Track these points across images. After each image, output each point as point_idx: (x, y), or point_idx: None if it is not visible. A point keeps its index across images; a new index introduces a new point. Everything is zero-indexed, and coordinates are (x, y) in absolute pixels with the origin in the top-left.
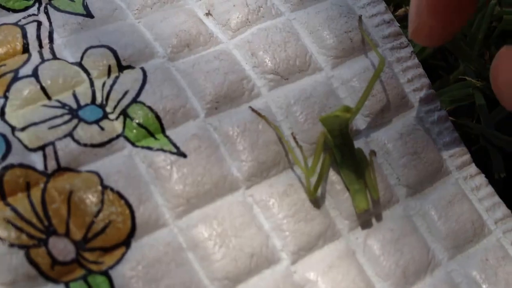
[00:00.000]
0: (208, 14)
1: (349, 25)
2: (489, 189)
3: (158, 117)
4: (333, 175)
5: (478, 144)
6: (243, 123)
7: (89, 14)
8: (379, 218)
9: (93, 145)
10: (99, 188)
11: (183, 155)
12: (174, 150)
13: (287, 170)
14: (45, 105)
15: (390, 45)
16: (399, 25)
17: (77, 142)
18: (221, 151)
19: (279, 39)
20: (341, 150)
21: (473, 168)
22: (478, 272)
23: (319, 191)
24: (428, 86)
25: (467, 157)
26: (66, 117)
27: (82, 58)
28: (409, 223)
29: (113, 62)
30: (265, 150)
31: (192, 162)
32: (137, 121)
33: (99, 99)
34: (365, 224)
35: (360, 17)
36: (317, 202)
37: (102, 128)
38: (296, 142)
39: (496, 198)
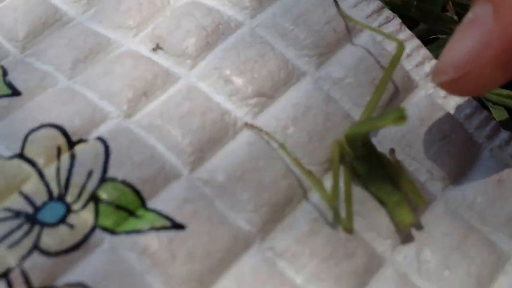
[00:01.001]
0: (156, 48)
1: (328, 14)
2: None
3: (136, 191)
4: (358, 193)
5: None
6: (239, 165)
7: (15, 92)
8: (421, 225)
9: (67, 251)
10: None
11: (181, 227)
12: (168, 224)
13: (303, 202)
14: None
15: (377, 22)
16: None
17: (46, 253)
18: (220, 207)
19: (254, 54)
20: (367, 161)
21: (504, 133)
22: None
23: (356, 217)
24: (429, 57)
25: (493, 123)
26: (25, 227)
27: (23, 147)
28: (460, 220)
29: (62, 140)
30: (275, 188)
31: (194, 232)
32: (112, 202)
33: (55, 191)
34: (409, 238)
35: (335, 1)
36: (350, 231)
37: (71, 226)
38: (304, 170)
39: None
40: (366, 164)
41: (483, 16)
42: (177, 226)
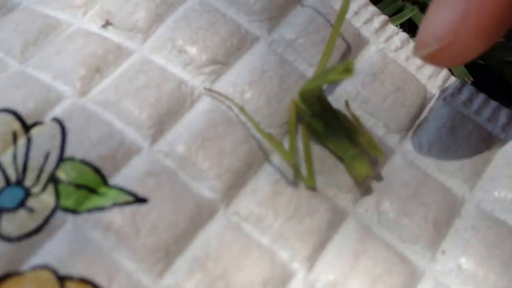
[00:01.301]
0: (106, 24)
1: None
2: (482, 96)
3: (96, 169)
4: (318, 151)
5: None
6: (199, 134)
7: None
8: (380, 178)
9: (28, 235)
10: (56, 282)
11: (144, 200)
12: (131, 198)
13: (264, 166)
14: None
15: None
16: None
17: (8, 239)
18: (183, 178)
19: (205, 22)
20: (323, 118)
21: (456, 81)
22: (510, 190)
23: (317, 176)
24: (377, 13)
25: (444, 72)
26: None
27: None
28: (417, 169)
29: (17, 125)
30: (236, 154)
31: (157, 204)
32: (72, 182)
33: (12, 176)
34: (369, 191)
35: None
36: (313, 188)
37: (31, 210)
38: (263, 132)
39: (493, 103)
40: (323, 121)
41: None
42: (140, 200)
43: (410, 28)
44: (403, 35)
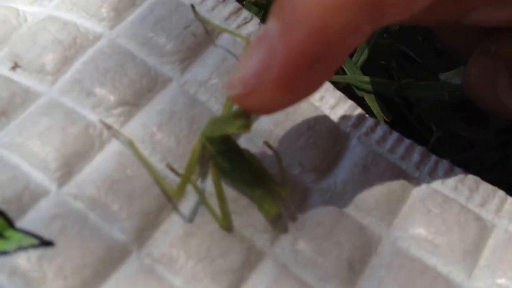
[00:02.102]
0: (15, 67)
1: (185, 19)
2: (395, 135)
3: (1, 212)
4: (232, 191)
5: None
6: (107, 176)
7: None
8: (296, 217)
9: None
10: None
11: (50, 244)
12: (37, 241)
13: (178, 207)
14: None
15: (235, 24)
16: (235, 1)
17: None
18: (93, 220)
19: (113, 64)
20: (228, 157)
21: (370, 120)
22: (425, 227)
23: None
24: None
25: (358, 111)
26: None
27: None
28: (332, 208)
29: None
30: (147, 196)
31: (63, 247)
32: None
33: None
34: (285, 230)
35: (192, 6)
36: (228, 228)
37: None
38: (177, 173)
39: (406, 142)
40: (228, 160)
41: (271, 33)
42: (45, 243)
43: None
44: None
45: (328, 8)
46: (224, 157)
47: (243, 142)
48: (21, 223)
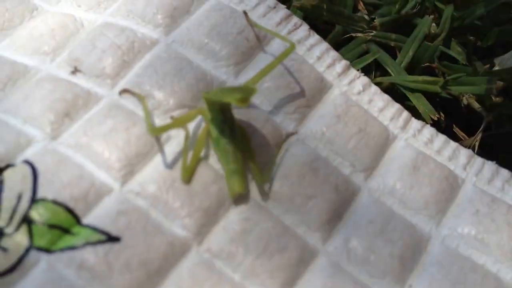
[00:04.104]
0: (75, 71)
1: (239, 25)
2: (442, 137)
3: (68, 209)
4: (288, 189)
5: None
6: (168, 175)
7: None
8: (348, 216)
9: (2, 274)
10: None
11: (116, 239)
12: (104, 237)
13: (235, 205)
14: None
15: (286, 30)
16: (285, 6)
17: None
18: (155, 217)
19: (171, 69)
20: (219, 126)
21: (416, 123)
22: (474, 226)
23: (286, 215)
24: (339, 58)
25: (405, 114)
26: None
27: None
28: (383, 207)
29: None
30: (206, 194)
31: (129, 243)
32: (45, 222)
33: None
34: (337, 229)
35: (244, 12)
36: (282, 225)
37: (4, 249)
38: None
39: (453, 144)
40: (218, 128)
41: None
42: (112, 239)
43: (377, 68)
44: (365, 79)
45: None
46: (216, 125)
47: (296, 146)
48: (87, 220)
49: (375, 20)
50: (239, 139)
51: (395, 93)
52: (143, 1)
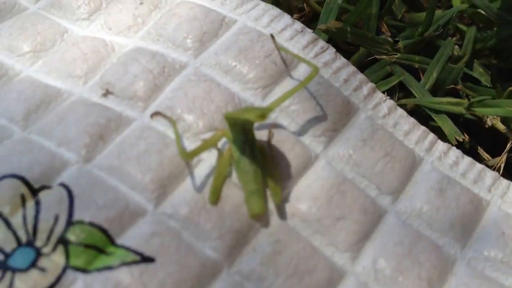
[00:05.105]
0: (107, 94)
1: (266, 48)
2: (467, 159)
3: (103, 230)
4: (316, 211)
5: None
6: (200, 197)
7: None
8: (374, 238)
9: None
10: None
11: (151, 260)
12: (138, 258)
13: (265, 227)
14: None
15: (313, 53)
16: (311, 30)
17: None
18: (187, 238)
19: (200, 91)
20: (240, 147)
21: (442, 145)
22: (499, 249)
23: (315, 236)
24: (365, 81)
25: (431, 136)
26: None
27: None
28: (409, 229)
29: (24, 190)
30: (236, 216)
31: (163, 263)
32: (81, 242)
33: (23, 237)
34: (365, 250)
35: (271, 35)
36: (311, 246)
37: (42, 270)
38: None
39: (478, 166)
40: (239, 149)
41: None
42: (146, 259)
43: (400, 89)
44: (390, 102)
45: None
46: (237, 145)
47: (324, 168)
48: (121, 240)
49: (398, 43)
50: (259, 160)
51: (420, 114)
52: (173, 26)
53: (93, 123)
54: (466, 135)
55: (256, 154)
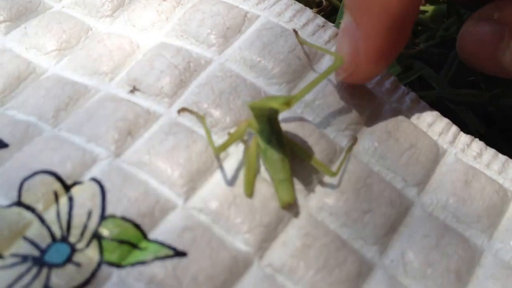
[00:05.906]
0: (133, 90)
1: (289, 43)
2: (490, 150)
3: (136, 225)
4: (343, 204)
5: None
6: (229, 192)
7: (2, 144)
8: (402, 230)
9: None
10: None
11: (183, 254)
12: (171, 252)
13: (294, 220)
14: (1, 267)
15: (335, 48)
16: (333, 24)
17: None
18: (217, 231)
19: (226, 87)
20: (267, 137)
21: (464, 137)
22: None
23: (343, 229)
24: (387, 75)
25: (454, 128)
26: (34, 270)
27: (20, 195)
28: (436, 221)
29: (57, 185)
30: (266, 209)
31: (196, 257)
32: (115, 238)
33: (57, 233)
34: (392, 243)
35: (294, 30)
36: (340, 239)
37: (78, 264)
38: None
39: (501, 157)
40: (266, 140)
41: (349, 25)
42: (179, 253)
43: (420, 82)
44: (413, 94)
45: None
46: (263, 136)
47: (349, 161)
48: (153, 235)
49: (420, 44)
50: (286, 149)
51: (440, 107)
52: (197, 22)
53: (122, 118)
54: (487, 126)
55: (283, 143)
